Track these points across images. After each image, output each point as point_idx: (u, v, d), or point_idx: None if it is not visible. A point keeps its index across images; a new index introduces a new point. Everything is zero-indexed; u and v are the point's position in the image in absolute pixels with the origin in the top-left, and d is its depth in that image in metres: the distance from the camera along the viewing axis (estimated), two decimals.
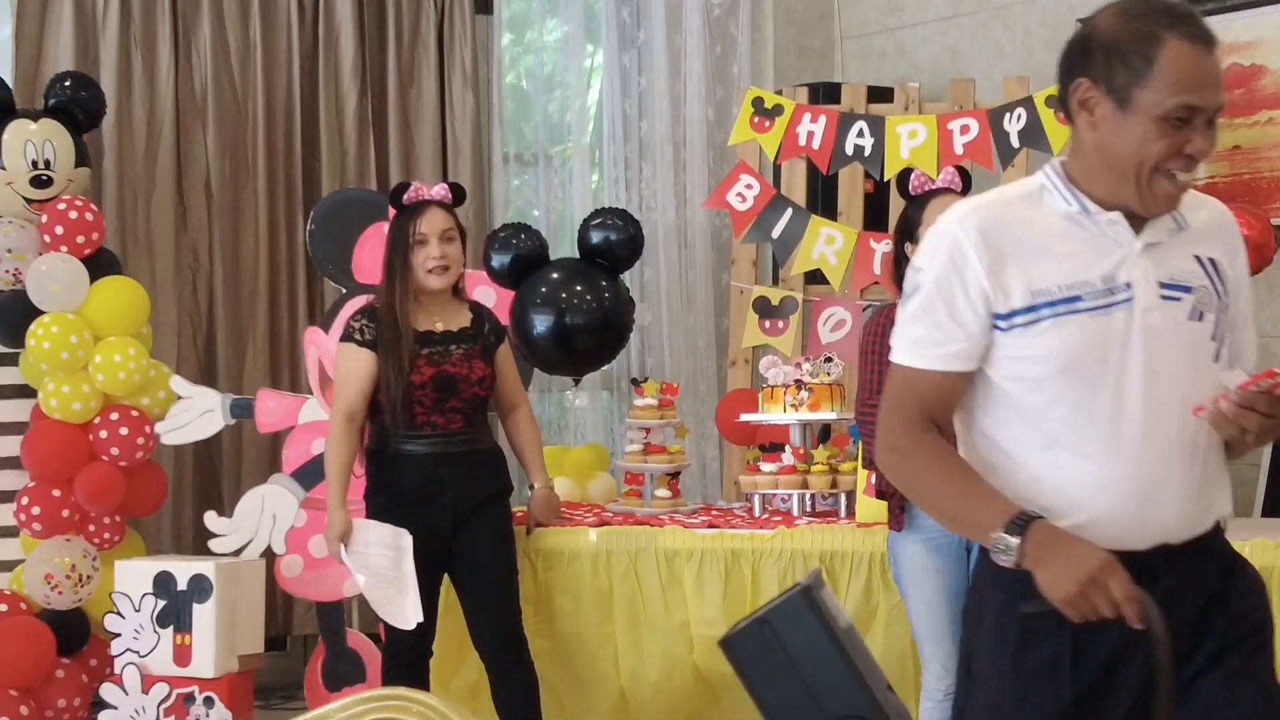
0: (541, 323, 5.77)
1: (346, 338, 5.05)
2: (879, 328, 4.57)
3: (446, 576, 5.15)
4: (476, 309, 5.22)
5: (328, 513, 4.99)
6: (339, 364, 5.09)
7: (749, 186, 6.67)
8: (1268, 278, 5.74)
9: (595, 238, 5.90)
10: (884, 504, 5.17)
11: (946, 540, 4.50)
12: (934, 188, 4.68)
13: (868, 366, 4.66)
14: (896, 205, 6.82)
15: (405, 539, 4.90)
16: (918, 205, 4.66)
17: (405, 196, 5.06)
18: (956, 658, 4.49)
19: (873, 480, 4.99)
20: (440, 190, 5.11)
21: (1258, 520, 5.98)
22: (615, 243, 5.90)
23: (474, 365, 5.06)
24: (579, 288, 5.76)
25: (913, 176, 4.76)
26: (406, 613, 4.90)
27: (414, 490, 4.99)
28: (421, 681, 5.09)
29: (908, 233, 4.66)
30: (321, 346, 6.15)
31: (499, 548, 5.10)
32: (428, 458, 5.00)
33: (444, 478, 5.01)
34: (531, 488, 5.36)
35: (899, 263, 4.68)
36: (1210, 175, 6.87)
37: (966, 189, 4.70)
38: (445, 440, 5.01)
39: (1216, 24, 6.86)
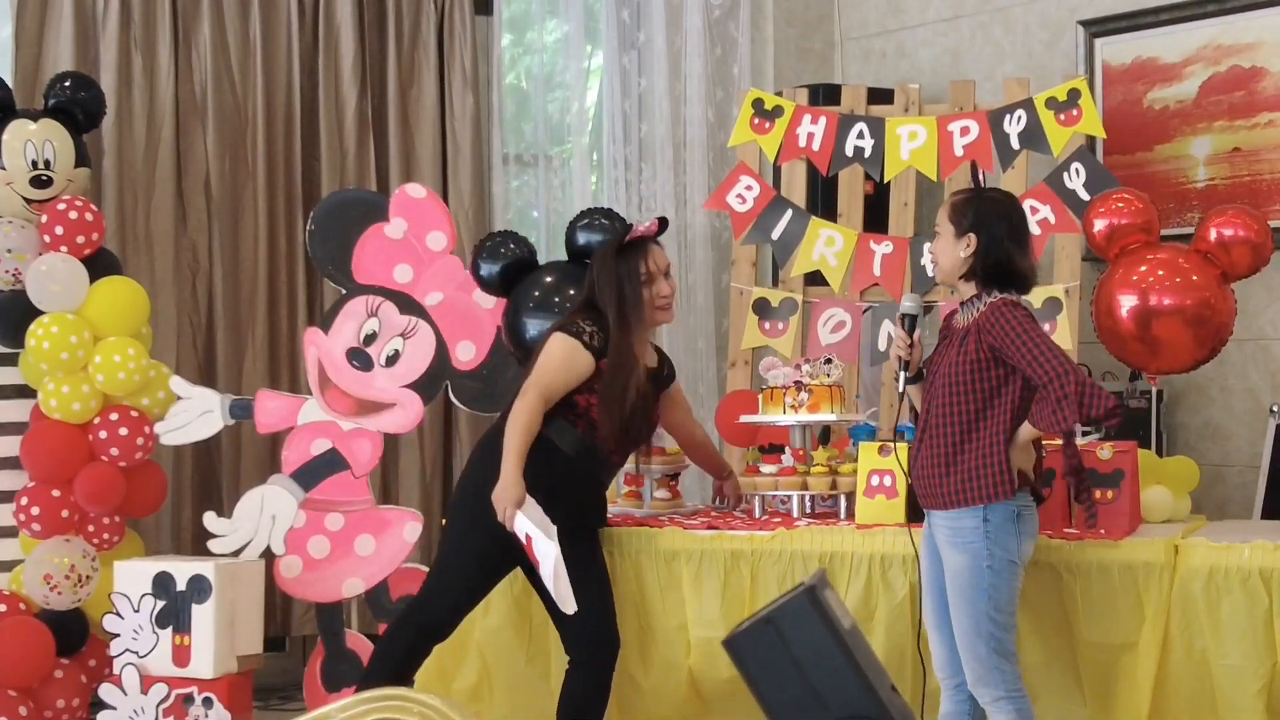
0: (535, 327, 5.76)
1: (575, 334, 5.08)
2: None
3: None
4: (658, 349, 5.39)
5: (501, 481, 4.94)
6: (554, 351, 5.08)
7: (749, 188, 6.68)
8: (1265, 279, 5.74)
9: (582, 239, 5.88)
10: (884, 505, 5.18)
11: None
12: None
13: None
14: (897, 207, 6.84)
15: (554, 533, 4.92)
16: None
17: (629, 236, 5.17)
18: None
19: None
20: (652, 226, 5.21)
21: (1257, 522, 5.98)
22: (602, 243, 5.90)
23: (654, 405, 5.26)
24: (572, 291, 5.75)
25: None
26: (567, 600, 4.91)
27: (560, 487, 5.05)
28: (416, 656, 5.14)
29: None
30: (321, 347, 6.15)
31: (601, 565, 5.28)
32: (582, 466, 5.13)
33: (586, 491, 5.20)
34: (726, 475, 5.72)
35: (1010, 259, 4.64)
36: (1210, 178, 6.88)
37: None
38: (602, 461, 5.18)
39: (1216, 26, 6.93)
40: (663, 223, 5.22)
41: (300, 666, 6.59)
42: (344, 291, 6.18)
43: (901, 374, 4.74)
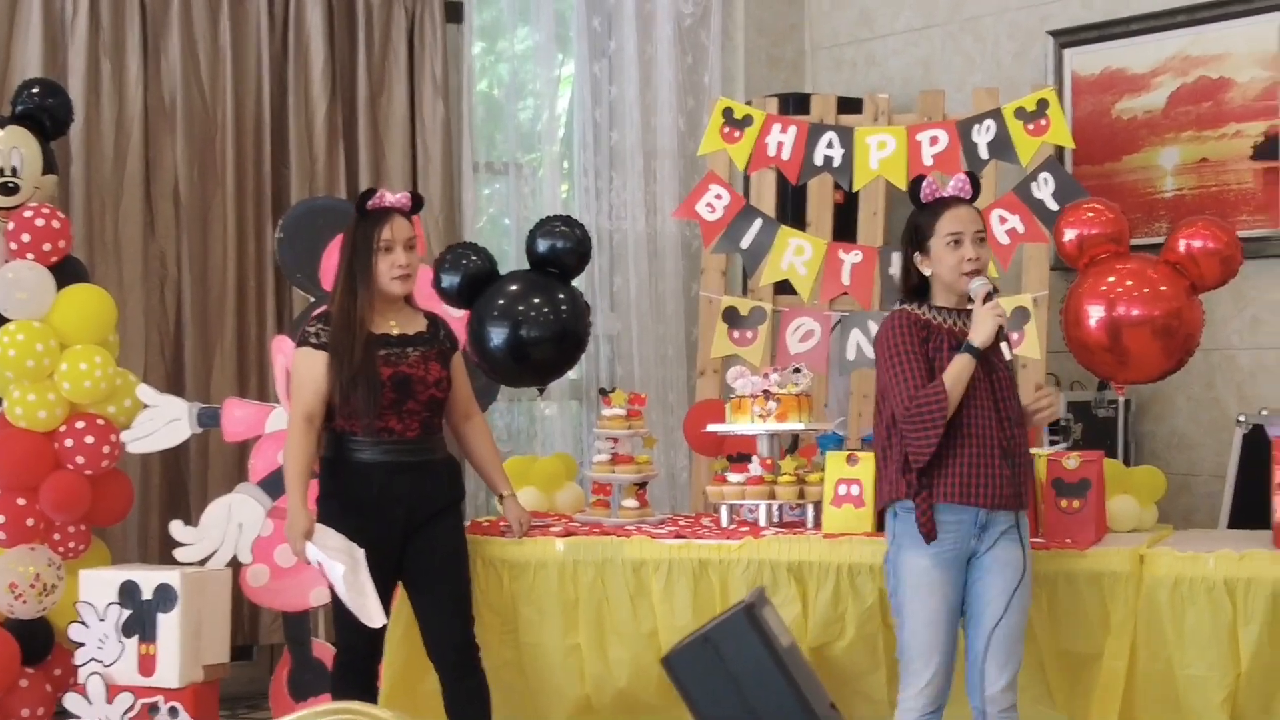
0: (498, 337, 5.75)
1: (302, 342, 5.06)
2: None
3: (401, 586, 5.15)
4: (431, 316, 5.25)
5: (288, 514, 4.97)
6: (295, 368, 5.09)
7: (718, 196, 6.67)
8: (1232, 289, 5.75)
9: (542, 246, 5.87)
10: (851, 514, 5.18)
11: (955, 554, 4.50)
12: (945, 195, 4.63)
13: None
14: (866, 216, 6.85)
15: (359, 552, 4.89)
16: (929, 213, 4.61)
17: (370, 203, 5.07)
18: (945, 675, 4.51)
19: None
20: (403, 198, 5.13)
21: (1223, 532, 6.00)
22: (562, 250, 5.87)
23: (430, 367, 5.08)
24: (535, 299, 5.74)
25: (924, 183, 4.68)
26: (372, 616, 4.89)
27: (369, 499, 4.98)
28: (371, 689, 5.11)
29: (918, 242, 4.61)
30: (289, 355, 6.13)
31: (453, 556, 5.11)
32: (383, 466, 4.99)
33: (399, 487, 5.01)
34: (500, 497, 5.37)
35: (908, 272, 4.65)
36: (1178, 188, 6.90)
37: (975, 195, 4.68)
38: (401, 448, 5.01)
39: (1185, 37, 6.96)
40: (416, 199, 5.16)
41: (267, 675, 6.57)
42: (312, 300, 6.17)
43: (1005, 345, 4.63)
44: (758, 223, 6.66)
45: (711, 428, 5.83)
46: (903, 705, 4.54)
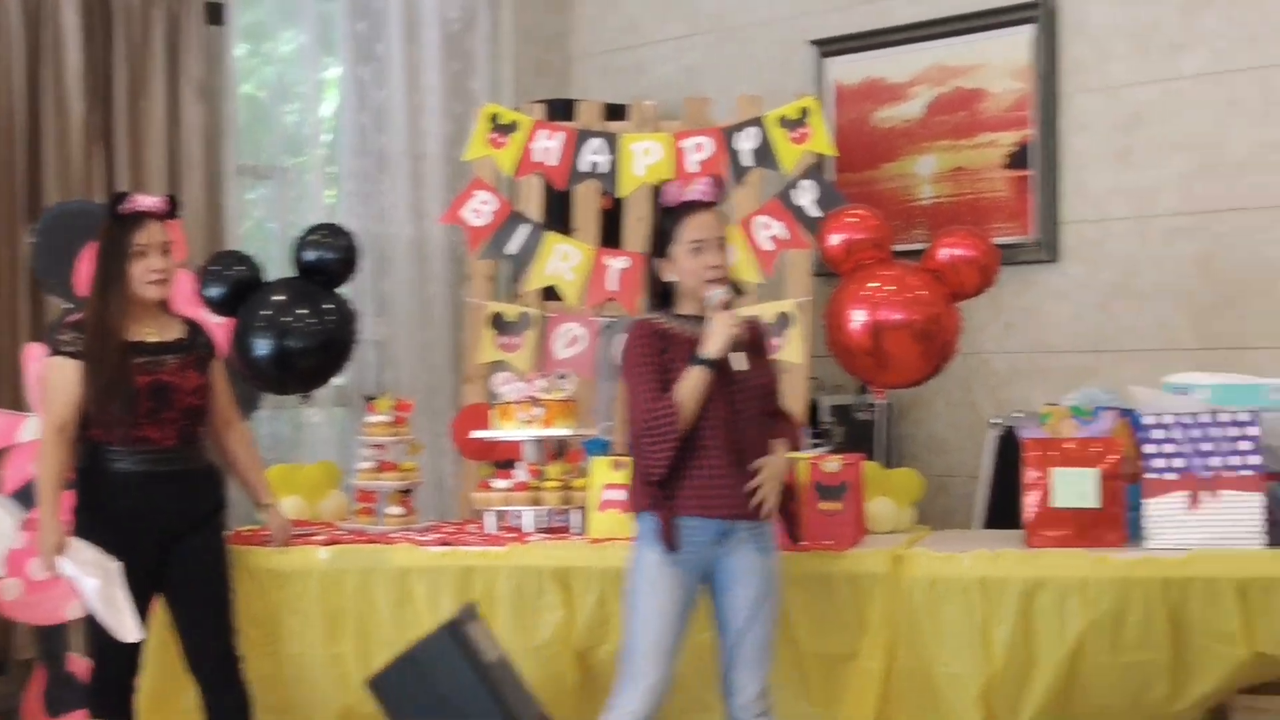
0: (263, 347, 5.67)
1: (54, 350, 4.94)
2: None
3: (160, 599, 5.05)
4: (190, 322, 5.14)
5: (40, 527, 4.84)
6: (47, 377, 4.96)
7: (485, 202, 6.66)
8: (988, 296, 5.90)
9: (310, 255, 5.81)
10: (616, 519, 5.21)
11: (693, 562, 4.50)
12: (688, 200, 4.60)
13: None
14: (632, 222, 6.89)
15: (114, 565, 4.78)
16: (673, 219, 4.60)
17: (123, 206, 4.96)
18: (666, 682, 4.49)
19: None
20: (158, 202, 5.02)
21: (978, 532, 6.14)
22: (329, 260, 5.83)
23: (188, 375, 4.98)
24: (300, 309, 5.67)
25: (665, 188, 4.67)
26: (127, 630, 4.78)
27: (126, 510, 4.87)
28: (127, 705, 4.99)
29: (662, 248, 4.60)
30: (42, 363, 5.97)
31: (214, 567, 5.02)
32: (140, 476, 4.89)
33: (157, 497, 4.91)
34: (264, 506, 5.29)
35: (654, 279, 4.65)
36: (935, 195, 7.05)
37: (721, 200, 4.65)
38: (159, 458, 4.91)
39: (941, 48, 7.12)
40: (172, 202, 5.08)
41: (20, 692, 6.38)
42: (67, 306, 6.02)
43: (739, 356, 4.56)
44: (524, 228, 6.66)
45: (476, 434, 5.81)
46: (617, 708, 4.47)
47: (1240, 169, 6.31)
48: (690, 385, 4.41)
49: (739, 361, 4.48)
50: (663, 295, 4.63)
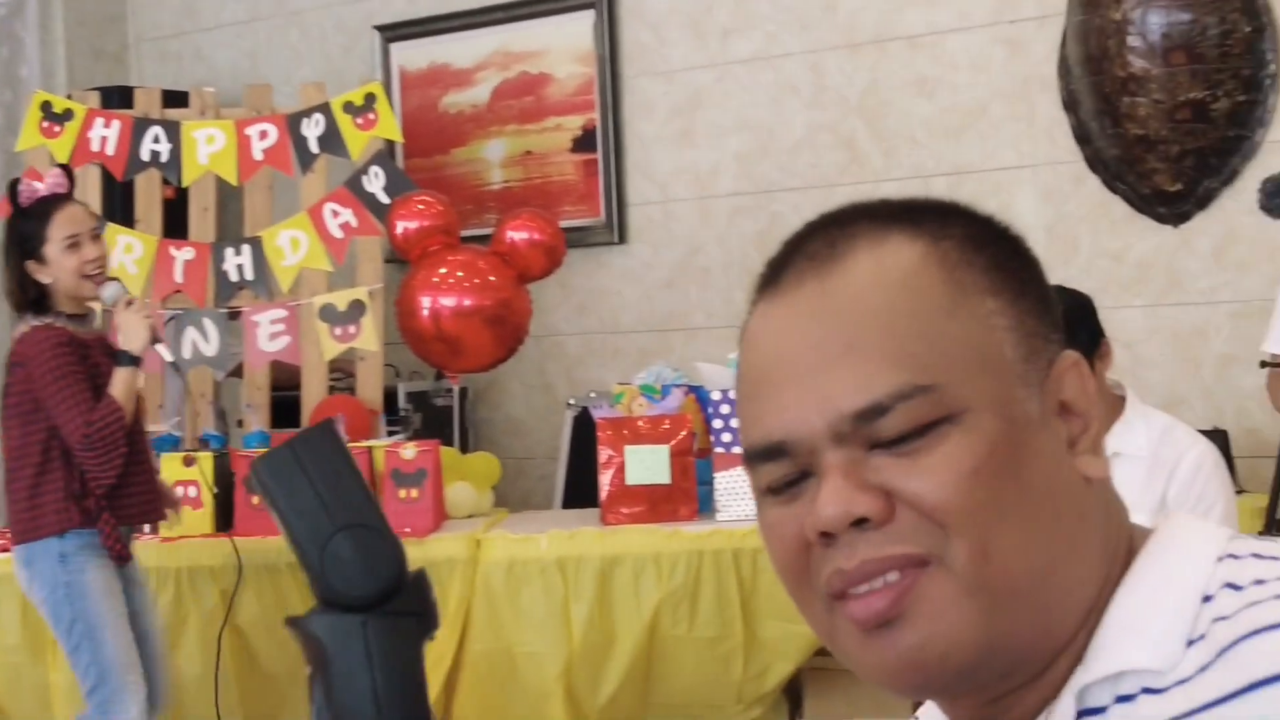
0: None
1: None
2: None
3: None
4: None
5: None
6: None
7: None
8: (558, 278, 5.98)
9: None
10: (190, 515, 5.10)
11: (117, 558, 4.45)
12: (45, 195, 4.46)
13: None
14: (197, 212, 6.73)
15: None
16: (36, 218, 4.45)
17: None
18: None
19: None
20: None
21: (557, 512, 6.23)
22: None
23: None
24: None
25: (20, 189, 4.50)
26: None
27: None
28: None
29: (30, 250, 4.44)
30: None
31: None
32: None
33: None
34: None
35: (24, 286, 4.46)
36: (505, 180, 7.11)
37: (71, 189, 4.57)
38: None
39: (505, 33, 7.17)
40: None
41: None
42: None
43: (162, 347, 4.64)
44: None
45: None
46: None
47: (795, 149, 6.53)
48: (125, 386, 4.36)
49: (166, 353, 4.56)
50: (36, 301, 4.48)
